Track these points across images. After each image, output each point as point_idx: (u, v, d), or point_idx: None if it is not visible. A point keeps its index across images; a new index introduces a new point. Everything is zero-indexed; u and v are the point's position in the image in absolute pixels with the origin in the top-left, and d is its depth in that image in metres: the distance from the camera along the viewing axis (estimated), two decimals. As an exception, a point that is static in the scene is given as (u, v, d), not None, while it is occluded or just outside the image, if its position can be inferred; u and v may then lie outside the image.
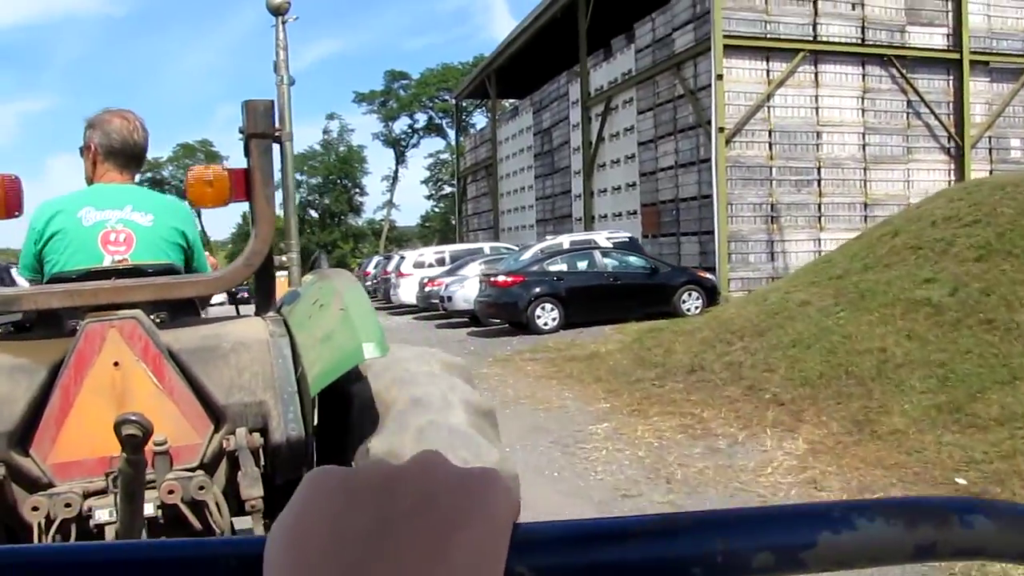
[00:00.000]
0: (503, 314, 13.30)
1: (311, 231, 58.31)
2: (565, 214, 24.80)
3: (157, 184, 49.97)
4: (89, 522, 1.67)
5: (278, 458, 1.86)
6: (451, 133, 60.77)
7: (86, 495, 1.68)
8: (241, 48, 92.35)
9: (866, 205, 17.50)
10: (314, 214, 60.51)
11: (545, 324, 12.79)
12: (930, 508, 0.38)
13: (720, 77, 16.08)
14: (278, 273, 2.35)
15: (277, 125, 2.03)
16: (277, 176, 2.15)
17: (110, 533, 1.65)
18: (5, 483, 1.69)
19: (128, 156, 2.28)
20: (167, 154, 56.59)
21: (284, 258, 3.27)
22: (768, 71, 16.74)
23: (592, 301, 12.90)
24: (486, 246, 20.64)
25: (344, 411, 2.04)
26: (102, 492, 1.70)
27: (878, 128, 17.68)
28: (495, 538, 0.34)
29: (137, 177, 2.35)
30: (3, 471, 1.67)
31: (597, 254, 13.51)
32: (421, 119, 60.29)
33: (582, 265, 13.43)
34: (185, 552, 0.37)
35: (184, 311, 2.18)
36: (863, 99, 17.54)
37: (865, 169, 17.56)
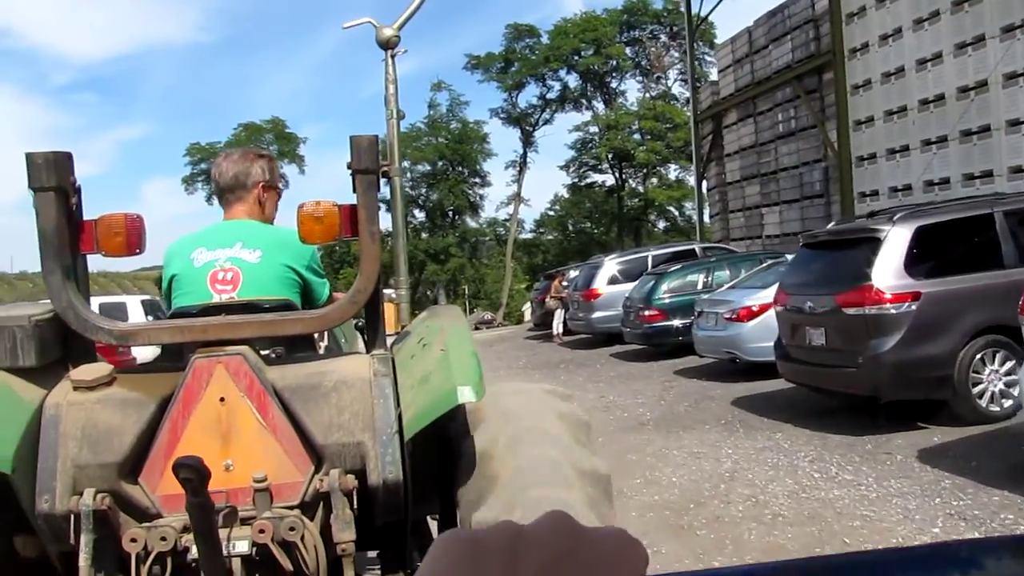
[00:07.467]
0: None
1: (416, 235, 42.87)
2: None
3: (206, 173, 35.51)
4: (187, 556, 1.68)
5: (375, 500, 1.85)
6: (597, 104, 44.99)
7: (185, 529, 1.67)
8: (322, 70, 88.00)
9: None
10: (420, 215, 45.06)
11: None
12: None
13: None
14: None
15: (384, 160, 2.04)
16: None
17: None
18: (112, 512, 1.74)
19: (222, 190, 2.40)
20: (225, 138, 40.76)
21: (393, 294, 2.95)
22: None
23: None
24: None
25: (449, 460, 2.00)
26: None
27: None
28: None
29: (252, 201, 2.39)
30: (110, 500, 1.72)
31: None
32: (554, 87, 44.36)
33: None
34: None
35: (300, 346, 2.19)
36: None
37: None
